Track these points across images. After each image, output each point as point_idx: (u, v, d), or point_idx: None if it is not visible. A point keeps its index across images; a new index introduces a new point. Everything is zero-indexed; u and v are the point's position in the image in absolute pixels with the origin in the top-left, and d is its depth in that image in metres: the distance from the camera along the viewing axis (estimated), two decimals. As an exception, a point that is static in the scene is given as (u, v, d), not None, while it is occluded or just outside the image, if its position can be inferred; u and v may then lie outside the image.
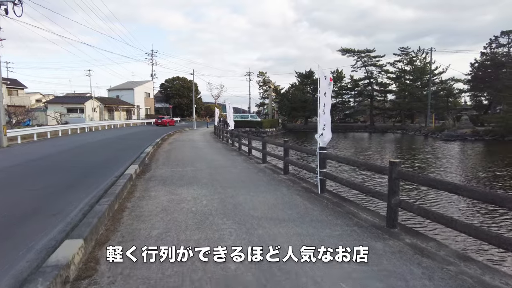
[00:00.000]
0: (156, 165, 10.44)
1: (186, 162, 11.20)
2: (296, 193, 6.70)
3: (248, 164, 10.94)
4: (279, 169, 9.85)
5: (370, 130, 55.81)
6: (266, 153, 10.96)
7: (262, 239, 4.03)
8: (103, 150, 15.03)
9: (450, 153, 25.98)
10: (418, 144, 33.12)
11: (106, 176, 8.26)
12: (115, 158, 11.71)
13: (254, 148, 13.26)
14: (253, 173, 9.18)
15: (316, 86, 61.24)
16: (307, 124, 60.97)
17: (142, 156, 11.33)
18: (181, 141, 20.84)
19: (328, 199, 6.18)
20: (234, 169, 9.83)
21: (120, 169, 8.92)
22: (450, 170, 17.34)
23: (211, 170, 9.45)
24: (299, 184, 7.64)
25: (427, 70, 49.50)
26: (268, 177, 8.52)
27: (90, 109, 51.14)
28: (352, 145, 33.23)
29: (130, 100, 61.02)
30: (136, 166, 9.04)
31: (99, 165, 10.28)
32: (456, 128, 40.54)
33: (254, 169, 9.78)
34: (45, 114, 44.05)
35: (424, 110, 50.55)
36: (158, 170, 9.44)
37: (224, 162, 11.27)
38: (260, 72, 75.32)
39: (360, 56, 56.83)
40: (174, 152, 14.44)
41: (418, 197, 10.70)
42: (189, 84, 70.81)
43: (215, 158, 12.56)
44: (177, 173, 8.90)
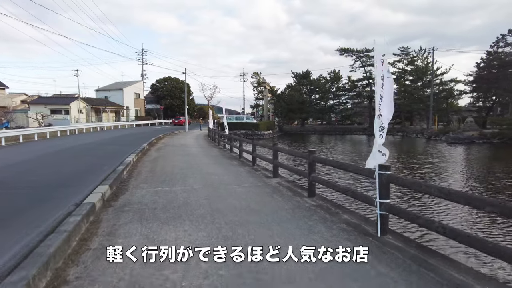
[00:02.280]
0: (136, 182, 7.99)
1: (176, 176, 8.78)
2: (344, 236, 4.35)
3: (255, 179, 8.57)
4: (298, 187, 7.51)
5: (369, 132, 53.83)
6: (278, 165, 8.59)
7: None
8: (74, 159, 12.46)
9: (460, 157, 23.96)
10: (424, 148, 31.09)
11: (58, 207, 5.53)
12: (84, 173, 9.14)
13: (259, 156, 10.89)
14: (266, 194, 6.82)
15: (313, 87, 59.43)
16: (304, 126, 58.85)
17: (120, 169, 8.85)
18: (171, 146, 18.36)
19: (399, 249, 3.85)
20: (239, 187, 7.45)
21: (84, 191, 6.47)
22: (468, 177, 15.25)
23: (209, 191, 7.05)
24: (338, 215, 5.30)
25: (429, 70, 47.74)
26: (289, 202, 6.16)
27: (76, 110, 48.31)
28: (353, 149, 31.09)
29: (119, 101, 58.16)
30: (106, 186, 6.59)
31: (57, 185, 7.38)
32: (462, 131, 38.76)
33: (266, 188, 7.42)
34: (26, 116, 41.10)
35: (425, 111, 48.82)
36: (137, 190, 7.01)
37: (225, 177, 8.87)
38: (255, 73, 73.07)
39: (358, 56, 54.98)
40: (161, 161, 11.99)
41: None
42: (181, 84, 68.15)
43: (212, 169, 10.16)
44: (163, 196, 6.49)
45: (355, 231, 4.51)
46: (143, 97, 67.05)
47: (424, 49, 49.19)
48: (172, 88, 68.82)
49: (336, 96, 61.07)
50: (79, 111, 48.90)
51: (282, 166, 8.52)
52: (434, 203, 9.95)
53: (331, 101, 61.59)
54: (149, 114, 66.18)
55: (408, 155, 25.02)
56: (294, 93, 56.12)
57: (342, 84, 60.86)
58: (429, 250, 3.97)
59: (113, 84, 64.20)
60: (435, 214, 9.08)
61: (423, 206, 9.89)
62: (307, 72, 59.08)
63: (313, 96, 60.20)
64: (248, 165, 11.22)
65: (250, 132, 40.51)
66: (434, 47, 45.10)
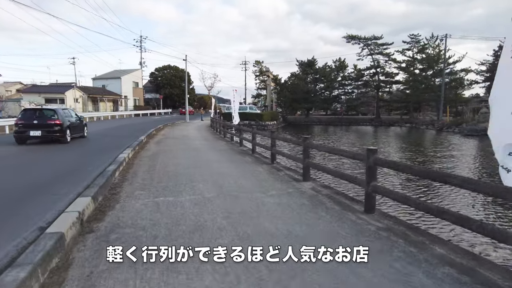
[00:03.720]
0: (130, 187, 6.20)
1: (181, 179, 6.99)
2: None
3: (281, 182, 6.78)
4: (344, 197, 5.73)
5: (376, 123, 52.00)
6: (310, 165, 6.79)
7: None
8: (55, 157, 10.61)
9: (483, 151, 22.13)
10: (439, 140, 29.28)
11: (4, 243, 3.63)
12: (62, 177, 7.22)
13: (280, 153, 9.09)
14: (306, 209, 5.04)
15: (318, 76, 57.18)
16: (309, 117, 56.93)
17: (110, 170, 7.03)
18: (172, 139, 16.55)
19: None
20: (266, 197, 5.66)
21: (55, 208, 4.67)
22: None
23: (227, 202, 5.27)
24: (427, 249, 3.54)
25: (441, 59, 45.58)
26: (344, 223, 4.39)
27: (72, 99, 46.33)
28: (364, 141, 29.26)
29: (117, 90, 56.07)
30: (88, 199, 4.78)
31: (16, 199, 5.36)
32: (476, 122, 36.87)
33: (301, 197, 5.63)
34: (19, 105, 39.15)
35: (436, 102, 46.84)
36: (131, 202, 5.22)
37: (242, 179, 7.07)
38: (257, 61, 70.57)
39: (366, 44, 52.67)
40: (162, 157, 10.19)
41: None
42: (181, 73, 65.98)
43: (224, 168, 8.36)
44: (166, 211, 4.70)
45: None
46: (141, 86, 64.89)
47: (436, 36, 46.89)
48: (172, 77, 66.67)
49: (341, 85, 58.97)
50: (75, 100, 46.93)
51: (318, 167, 6.69)
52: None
53: (336, 91, 59.53)
54: (148, 103, 64.13)
55: (426, 148, 23.26)
56: (299, 82, 53.99)
57: (348, 73, 58.74)
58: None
59: (111, 72, 62.01)
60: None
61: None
62: (313, 60, 56.88)
63: (318, 86, 58.09)
64: (265, 162, 9.44)
65: (253, 123, 38.61)
66: (447, 34, 42.90)
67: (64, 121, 13.05)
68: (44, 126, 12.46)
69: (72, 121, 13.99)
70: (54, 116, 12.77)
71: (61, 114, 13.04)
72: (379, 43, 52.15)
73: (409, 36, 50.45)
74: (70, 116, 14.08)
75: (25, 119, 12.60)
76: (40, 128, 12.39)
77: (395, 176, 11.43)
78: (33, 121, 12.50)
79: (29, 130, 12.32)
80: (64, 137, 12.85)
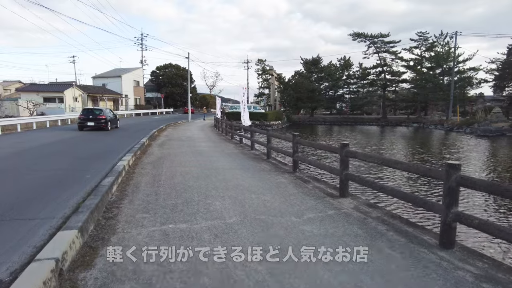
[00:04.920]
0: (130, 208, 4.97)
1: (192, 195, 5.76)
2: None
3: (313, 199, 5.55)
4: (398, 219, 4.49)
5: (382, 123, 50.70)
6: (350, 178, 5.55)
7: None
8: (44, 164, 9.37)
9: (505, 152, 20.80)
10: (452, 141, 27.99)
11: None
12: (45, 192, 6.07)
13: (304, 160, 7.86)
14: (362, 241, 3.81)
15: (323, 75, 55.82)
16: (313, 116, 55.66)
17: (106, 184, 5.79)
18: (176, 141, 15.32)
19: None
20: (306, 224, 4.41)
21: (22, 250, 3.47)
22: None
23: (256, 232, 4.03)
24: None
25: (451, 57, 44.21)
26: (424, 265, 3.16)
27: (71, 98, 45.14)
28: (377, 142, 28.00)
29: (117, 89, 54.81)
30: (73, 233, 3.53)
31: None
32: (489, 122, 35.56)
33: (346, 222, 4.40)
34: (16, 104, 37.93)
35: (445, 101, 45.50)
36: (131, 233, 3.98)
37: (267, 195, 5.83)
38: (259, 60, 69.14)
39: (372, 42, 51.36)
40: (167, 164, 8.95)
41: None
42: (183, 71, 64.76)
43: (241, 179, 7.11)
44: (178, 253, 3.47)
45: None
46: (142, 85, 63.58)
47: (445, 34, 45.53)
48: (173, 76, 65.40)
49: (346, 84, 57.65)
50: (75, 99, 45.74)
51: (364, 182, 5.40)
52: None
53: (341, 90, 58.23)
54: (149, 102, 62.87)
55: (440, 149, 21.98)
56: (303, 80, 52.66)
57: (353, 72, 57.40)
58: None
59: (111, 71, 60.71)
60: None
61: None
62: (317, 58, 55.56)
63: (323, 84, 56.76)
64: (285, 170, 8.21)
65: (258, 123, 37.43)
66: (457, 31, 41.52)
67: (107, 117, 19.63)
68: (95, 119, 19.01)
69: (111, 116, 20.90)
70: (101, 113, 19.38)
71: (105, 112, 19.89)
72: (386, 41, 50.87)
73: (417, 34, 49.21)
74: (110, 114, 21.08)
75: (84, 115, 19.61)
76: (92, 120, 19.02)
77: (477, 196, 9.35)
78: (89, 116, 19.25)
79: (86, 122, 19.05)
80: (107, 127, 19.29)
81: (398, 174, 12.42)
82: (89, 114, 19.52)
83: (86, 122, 18.98)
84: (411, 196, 4.15)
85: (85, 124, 18.92)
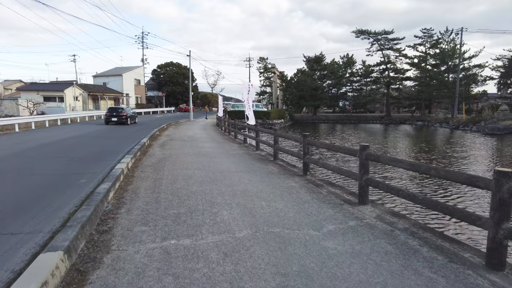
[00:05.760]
0: (128, 219, 4.44)
1: (196, 203, 5.23)
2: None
3: (334, 209, 5.00)
4: (430, 232, 3.95)
5: (386, 121, 50.04)
6: (370, 184, 5.00)
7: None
8: (39, 165, 8.81)
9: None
10: (461, 139, 27.35)
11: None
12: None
13: (315, 162, 7.31)
14: (395, 261, 3.27)
15: (326, 73, 55.13)
16: (316, 115, 55.03)
17: (102, 191, 5.24)
18: (178, 141, 14.79)
19: None
20: (327, 239, 3.88)
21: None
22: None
23: (270, 250, 3.49)
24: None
25: (456, 53, 43.47)
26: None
27: (71, 97, 44.63)
28: (381, 141, 27.39)
29: (118, 88, 54.33)
30: (57, 255, 2.98)
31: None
32: (496, 120, 34.88)
33: (373, 235, 3.87)
34: (16, 103, 37.47)
35: (450, 99, 44.79)
36: (128, 250, 3.45)
37: (279, 202, 5.29)
38: (261, 58, 68.44)
39: (376, 39, 50.63)
40: (169, 167, 8.42)
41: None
42: (184, 70, 64.21)
43: (248, 184, 6.57)
44: (181, 271, 2.92)
45: None
46: (143, 83, 63.08)
47: (450, 31, 44.77)
48: (175, 74, 64.84)
49: (349, 82, 56.96)
50: (75, 98, 45.25)
51: (386, 188, 4.84)
52: None
53: (344, 88, 57.54)
54: (150, 101, 62.36)
55: (451, 148, 21.38)
56: (306, 78, 52.00)
57: (356, 69, 56.71)
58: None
59: (112, 69, 60.22)
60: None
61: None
62: (320, 56, 54.86)
63: (326, 82, 56.08)
64: (295, 173, 7.67)
65: (260, 121, 36.89)
66: (463, 27, 40.79)
67: (128, 113, 24.61)
68: (118, 116, 23.91)
69: (131, 113, 26.00)
70: (123, 111, 24.50)
71: (126, 110, 25.10)
72: (390, 38, 50.15)
73: (421, 31, 48.49)
74: (130, 111, 26.65)
75: (109, 112, 24.55)
76: (116, 116, 23.83)
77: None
78: (113, 113, 24.17)
79: (111, 118, 23.83)
80: (127, 122, 24.01)
81: (405, 174, 11.88)
82: (113, 111, 24.47)
83: (111, 117, 23.74)
84: (451, 208, 3.60)
85: (110, 119, 23.72)
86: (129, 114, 24.58)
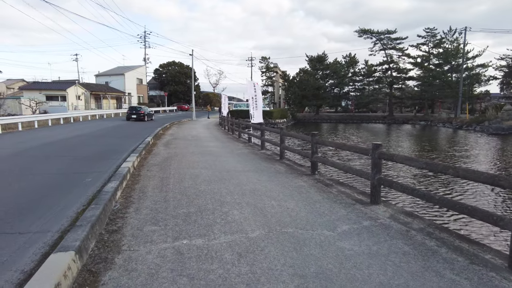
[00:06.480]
0: (137, 219, 4.35)
1: (205, 200, 5.15)
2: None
3: (346, 209, 4.91)
4: (446, 232, 3.85)
5: (388, 121, 49.85)
6: (382, 183, 4.90)
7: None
8: (43, 164, 8.74)
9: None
10: (465, 139, 27.19)
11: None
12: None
13: (324, 161, 7.21)
14: (414, 262, 3.17)
15: (328, 72, 54.96)
16: (319, 114, 54.87)
17: (109, 189, 5.16)
18: (182, 140, 14.72)
19: None
20: (342, 239, 3.77)
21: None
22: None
23: (285, 250, 3.40)
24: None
25: (460, 53, 43.24)
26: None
27: (74, 96, 44.61)
28: (388, 141, 27.26)
29: (120, 87, 54.31)
30: (65, 263, 2.91)
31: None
32: (501, 120, 34.68)
33: (388, 236, 3.77)
34: (18, 102, 37.49)
35: (453, 98, 44.57)
36: (139, 251, 3.37)
37: (290, 202, 5.20)
38: (263, 57, 68.30)
39: (379, 38, 50.41)
40: (175, 166, 8.35)
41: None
42: (186, 69, 64.19)
43: (257, 183, 6.48)
44: (196, 272, 2.85)
45: None
46: (146, 83, 63.04)
47: (454, 30, 44.53)
48: (177, 74, 64.76)
49: (351, 81, 56.74)
50: (77, 98, 45.23)
51: (401, 188, 4.74)
52: None
53: (347, 87, 57.32)
54: (152, 101, 62.30)
55: (461, 149, 21.24)
56: (308, 78, 51.83)
57: (359, 69, 56.50)
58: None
59: (114, 69, 60.21)
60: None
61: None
62: (323, 55, 54.66)
63: (328, 82, 55.89)
64: (303, 172, 7.58)
65: (263, 121, 36.78)
66: (466, 27, 40.57)
67: (145, 112, 28.73)
68: (137, 113, 28.07)
69: (148, 111, 29.85)
70: (141, 110, 28.91)
71: (144, 109, 29.29)
72: (393, 37, 49.91)
73: (425, 30, 48.27)
74: (147, 110, 30.41)
75: (130, 110, 29.37)
76: (135, 114, 27.97)
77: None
78: (133, 111, 28.61)
79: (131, 115, 28.09)
80: (144, 119, 27.99)
81: (408, 172, 11.76)
82: (133, 110, 29.27)
83: (131, 115, 28.16)
84: (471, 208, 3.49)
85: (131, 116, 28.06)
86: (146, 112, 28.75)
